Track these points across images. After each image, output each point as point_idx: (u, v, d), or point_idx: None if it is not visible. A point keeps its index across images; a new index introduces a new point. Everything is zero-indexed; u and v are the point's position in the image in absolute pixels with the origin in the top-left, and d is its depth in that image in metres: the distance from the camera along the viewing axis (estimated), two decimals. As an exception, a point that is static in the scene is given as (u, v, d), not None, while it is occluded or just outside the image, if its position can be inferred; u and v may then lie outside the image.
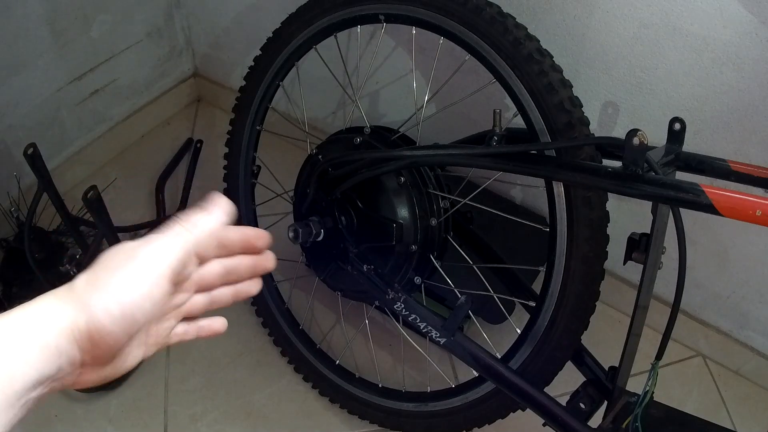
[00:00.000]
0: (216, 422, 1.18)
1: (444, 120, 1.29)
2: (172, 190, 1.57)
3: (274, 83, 1.15)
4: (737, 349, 1.28)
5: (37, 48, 1.33)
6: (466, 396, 1.02)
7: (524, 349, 0.94)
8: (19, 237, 1.25)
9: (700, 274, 1.23)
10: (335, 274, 1.07)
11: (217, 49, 1.67)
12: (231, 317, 0.52)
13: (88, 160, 1.58)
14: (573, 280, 0.87)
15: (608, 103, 1.11)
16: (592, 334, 0.94)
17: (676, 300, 0.82)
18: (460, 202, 0.97)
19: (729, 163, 0.75)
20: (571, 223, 0.85)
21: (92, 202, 0.96)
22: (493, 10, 0.87)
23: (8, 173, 1.38)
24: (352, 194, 0.99)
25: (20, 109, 1.36)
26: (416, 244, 0.97)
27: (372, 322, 1.28)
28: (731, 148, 1.03)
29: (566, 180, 0.82)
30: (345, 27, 1.04)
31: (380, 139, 1.01)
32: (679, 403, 1.01)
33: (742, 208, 0.61)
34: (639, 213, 1.21)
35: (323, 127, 1.56)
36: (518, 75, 0.85)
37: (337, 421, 1.20)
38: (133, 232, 1.43)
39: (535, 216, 1.33)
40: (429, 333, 0.93)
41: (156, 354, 0.44)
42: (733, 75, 0.96)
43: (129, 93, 1.62)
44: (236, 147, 1.22)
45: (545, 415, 0.87)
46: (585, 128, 0.85)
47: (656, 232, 0.79)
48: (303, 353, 1.22)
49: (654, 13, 0.97)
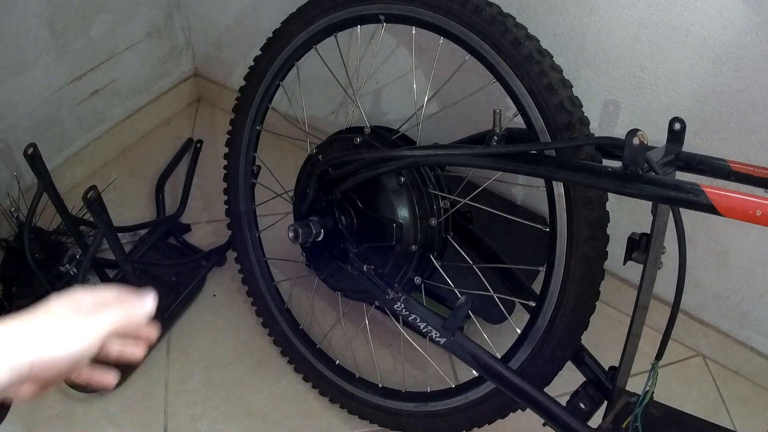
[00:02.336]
0: (216, 422, 1.18)
1: (444, 120, 1.29)
2: (172, 190, 1.57)
3: (274, 83, 1.15)
4: (737, 349, 1.28)
5: (37, 48, 1.33)
6: (466, 396, 1.02)
7: (524, 349, 0.94)
8: (19, 237, 1.25)
9: (700, 274, 1.23)
10: (335, 274, 1.07)
11: (217, 48, 1.67)
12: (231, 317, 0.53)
13: (88, 160, 1.58)
14: (573, 280, 0.87)
15: (608, 103, 1.11)
16: (592, 334, 0.94)
17: (676, 300, 0.82)
18: (460, 202, 0.97)
19: (729, 163, 0.75)
20: (571, 223, 0.85)
21: (92, 202, 0.96)
22: (493, 10, 0.87)
23: (8, 173, 1.38)
24: (352, 194, 0.99)
25: (20, 109, 1.36)
26: (416, 244, 0.97)
27: (372, 322, 1.28)
28: (731, 148, 1.03)
29: (566, 180, 0.82)
30: (345, 27, 1.04)
31: (380, 139, 1.01)
32: (679, 403, 1.01)
33: (742, 208, 0.61)
34: (639, 213, 1.21)
35: (323, 127, 1.56)
36: (518, 75, 0.85)
37: (337, 421, 1.20)
38: (133, 232, 1.44)
39: (535, 216, 1.33)
40: (429, 333, 0.93)
41: (156, 354, 0.48)
42: (733, 75, 0.96)
43: (129, 93, 1.62)
44: (236, 147, 1.22)
45: (545, 415, 0.87)
46: (585, 128, 0.85)
47: (656, 232, 0.79)
48: (303, 353, 1.22)
49: (654, 13, 0.97)
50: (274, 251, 1.29)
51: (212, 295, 1.37)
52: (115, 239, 1.05)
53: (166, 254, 1.41)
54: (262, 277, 1.25)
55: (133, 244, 1.42)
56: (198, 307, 1.35)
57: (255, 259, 1.25)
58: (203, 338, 1.30)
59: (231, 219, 1.27)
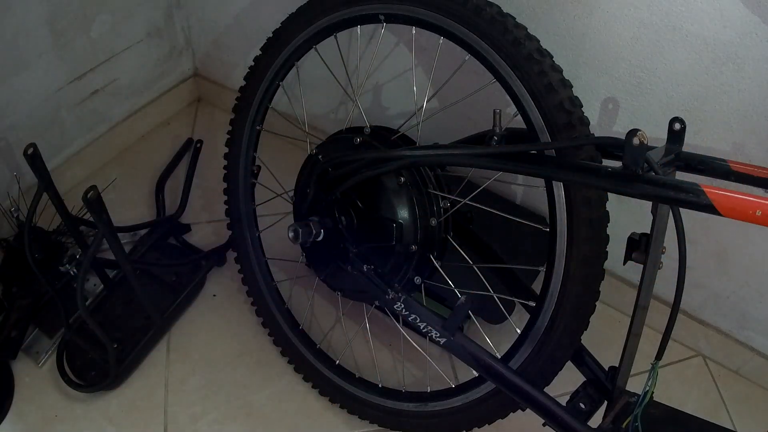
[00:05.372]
0: (216, 422, 1.18)
1: (444, 120, 1.29)
2: (172, 190, 1.57)
3: (274, 83, 1.15)
4: (737, 349, 1.28)
5: (37, 48, 1.33)
6: (466, 396, 1.02)
7: (524, 349, 0.94)
8: (19, 237, 1.25)
9: (700, 274, 1.23)
10: (335, 274, 1.07)
11: (217, 49, 1.67)
12: (231, 317, 0.52)
13: (88, 160, 1.58)
14: (573, 280, 0.87)
15: (608, 102, 1.11)
16: (592, 334, 0.94)
17: (676, 300, 0.82)
18: (460, 202, 0.97)
19: (729, 163, 0.75)
20: (571, 223, 0.85)
21: (92, 202, 0.96)
22: (493, 10, 0.87)
23: (8, 173, 1.38)
24: (352, 194, 0.99)
25: (20, 109, 1.36)
26: (416, 244, 0.97)
27: (372, 322, 1.28)
28: (731, 148, 1.03)
29: (566, 180, 0.82)
30: (345, 27, 1.04)
31: (380, 139, 1.01)
32: (679, 403, 1.01)
33: (742, 208, 0.61)
34: (639, 213, 1.21)
35: (323, 127, 1.56)
36: (518, 75, 0.85)
37: (337, 421, 1.20)
38: (133, 232, 1.44)
39: (535, 216, 1.33)
40: (429, 333, 0.93)
41: (156, 354, 0.46)
42: (733, 75, 0.96)
43: (129, 93, 1.62)
44: (236, 147, 1.22)
45: (545, 415, 0.87)
46: (585, 128, 0.85)
47: (656, 232, 0.79)
48: (303, 353, 1.22)
49: (654, 13, 0.97)
50: (274, 251, 1.29)
51: (212, 295, 1.37)
52: (115, 239, 1.05)
53: (166, 254, 1.41)
54: (262, 277, 1.26)
55: (133, 244, 1.42)
56: (198, 307, 1.35)
57: (255, 259, 1.25)
58: (203, 338, 1.30)
59: (231, 219, 1.27)
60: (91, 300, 1.30)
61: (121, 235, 1.18)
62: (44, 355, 1.24)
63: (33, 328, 1.27)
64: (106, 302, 1.31)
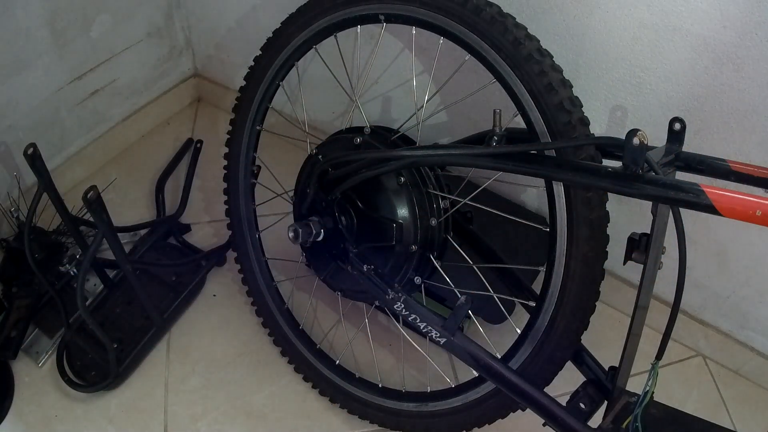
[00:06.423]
0: (216, 422, 1.18)
1: (444, 120, 1.29)
2: (172, 190, 1.57)
3: (274, 83, 1.15)
4: (737, 349, 1.28)
5: (37, 48, 1.33)
6: (466, 396, 1.02)
7: (524, 349, 0.94)
8: (19, 237, 1.25)
9: (700, 274, 1.23)
10: (335, 274, 1.07)
11: (217, 49, 1.67)
12: (231, 317, 0.52)
13: (88, 160, 1.58)
14: (573, 280, 0.87)
15: (608, 102, 1.11)
16: (592, 334, 0.94)
17: (676, 300, 0.82)
18: (460, 202, 0.97)
19: (729, 163, 0.75)
20: (571, 223, 0.85)
21: (92, 202, 0.96)
22: (493, 10, 0.87)
23: (8, 173, 1.38)
24: (352, 194, 0.99)
25: (20, 109, 1.36)
26: (416, 244, 0.97)
27: (372, 323, 1.28)
28: (731, 148, 1.03)
29: (566, 180, 0.82)
30: (345, 27, 1.04)
31: (380, 139, 1.01)
32: (679, 403, 1.01)
33: (742, 208, 0.61)
34: (639, 213, 1.21)
35: (323, 127, 1.56)
36: (518, 75, 0.85)
37: (337, 421, 1.20)
38: (133, 232, 1.44)
39: (535, 216, 1.33)
40: (429, 333, 0.93)
41: (156, 354, 0.46)
42: (733, 75, 0.96)
43: (129, 93, 1.62)
44: (236, 147, 1.22)
45: (545, 415, 0.87)
46: (585, 128, 0.85)
47: (656, 232, 0.79)
48: (303, 353, 1.22)
49: (654, 13, 0.97)
50: (274, 251, 1.29)
51: (212, 295, 1.37)
52: (115, 239, 1.05)
53: (166, 254, 1.41)
54: (262, 277, 1.26)
55: (133, 244, 1.42)
56: (198, 307, 1.35)
57: (255, 259, 1.25)
58: (203, 338, 1.30)
59: (231, 219, 1.27)
60: (91, 300, 1.30)
61: (121, 235, 1.18)
62: (44, 355, 1.24)
63: (33, 328, 1.27)
64: (106, 302, 1.31)
